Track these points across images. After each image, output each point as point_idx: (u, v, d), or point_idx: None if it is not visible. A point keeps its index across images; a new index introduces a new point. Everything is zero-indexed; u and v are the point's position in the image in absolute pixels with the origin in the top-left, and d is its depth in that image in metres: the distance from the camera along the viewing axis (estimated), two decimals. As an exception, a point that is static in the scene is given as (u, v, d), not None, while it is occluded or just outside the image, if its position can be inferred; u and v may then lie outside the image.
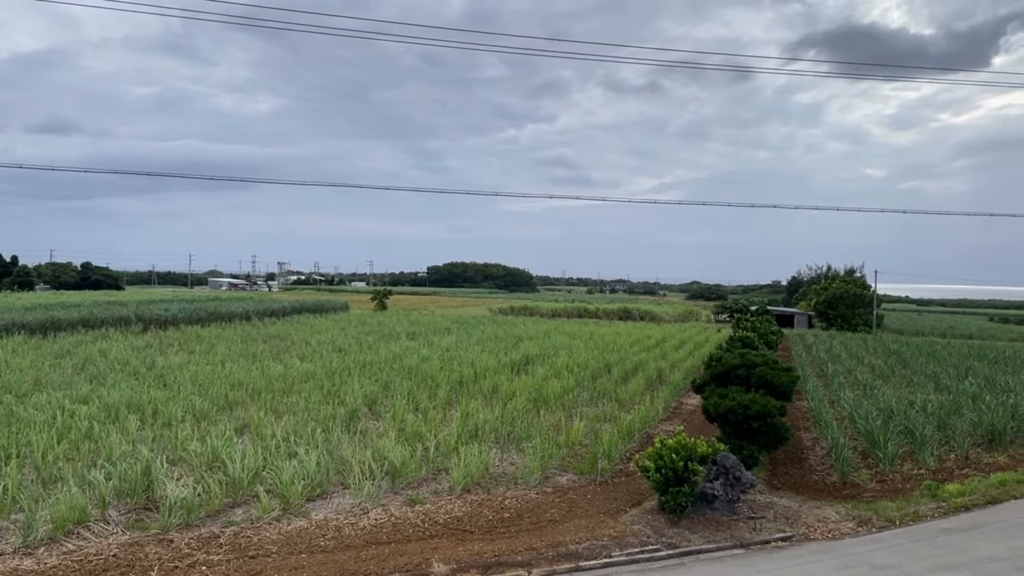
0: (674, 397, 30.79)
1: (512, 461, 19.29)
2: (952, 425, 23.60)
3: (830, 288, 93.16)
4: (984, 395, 28.98)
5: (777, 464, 20.64)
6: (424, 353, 38.79)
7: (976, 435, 23.31)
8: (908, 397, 29.56)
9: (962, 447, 22.10)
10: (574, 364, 36.08)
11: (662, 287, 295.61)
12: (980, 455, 21.94)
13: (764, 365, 20.09)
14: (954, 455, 21.77)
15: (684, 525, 15.03)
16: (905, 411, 25.30)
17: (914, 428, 22.56)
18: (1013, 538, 15.27)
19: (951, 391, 31.38)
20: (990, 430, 23.36)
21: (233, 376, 28.86)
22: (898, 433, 22.70)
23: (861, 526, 15.87)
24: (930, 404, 27.23)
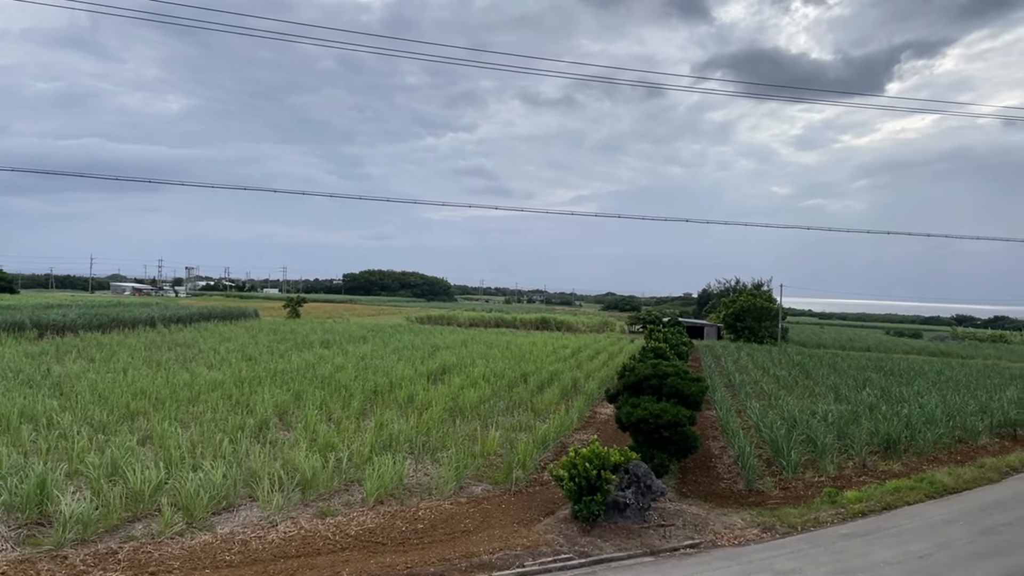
0: (589, 407, 31.16)
1: (427, 471, 19.14)
2: (851, 434, 24.65)
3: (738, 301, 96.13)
4: (880, 405, 30.40)
5: (687, 472, 21.13)
6: (338, 362, 38.16)
7: (873, 444, 24.42)
8: (810, 407, 30.73)
9: (860, 455, 23.11)
10: (491, 374, 36.14)
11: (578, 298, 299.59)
12: (876, 463, 22.99)
13: (675, 375, 20.56)
14: (852, 463, 22.74)
15: (596, 533, 15.21)
16: (807, 420, 26.31)
17: (816, 437, 23.47)
18: (906, 543, 16.05)
19: (850, 401, 32.80)
20: (886, 439, 24.51)
21: (136, 385, 27.72)
22: (801, 442, 23.57)
23: (765, 532, 16.39)
24: (831, 414, 28.38)
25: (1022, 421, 30.35)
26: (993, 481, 22.15)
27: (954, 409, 30.03)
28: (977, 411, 30.14)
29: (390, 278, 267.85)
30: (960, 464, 23.36)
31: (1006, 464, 23.81)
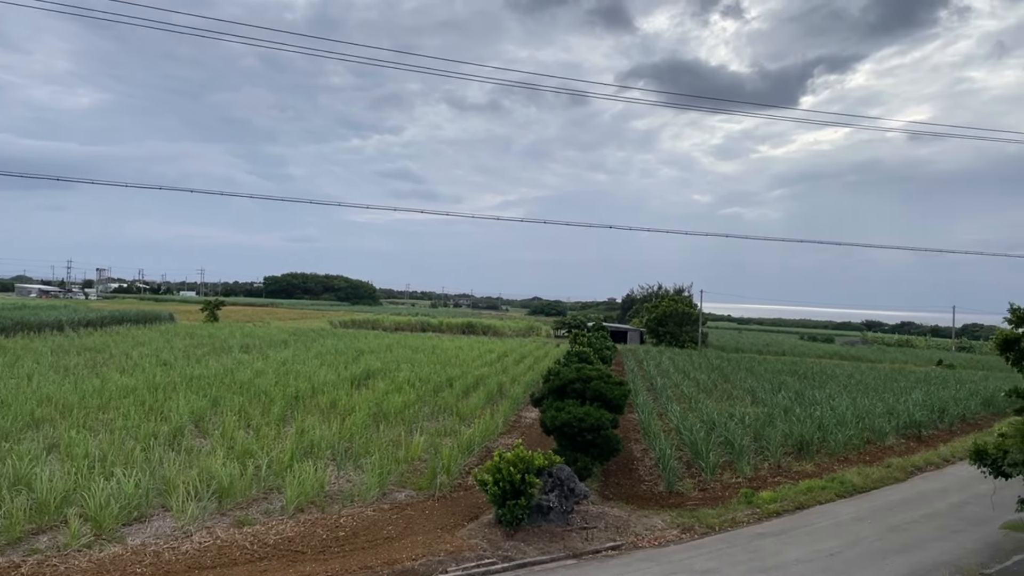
0: (514, 411, 31.25)
1: (349, 478, 18.85)
2: (767, 436, 25.39)
3: (660, 306, 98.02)
4: (795, 408, 31.42)
5: (609, 475, 21.38)
6: (258, 367, 37.27)
7: (787, 445, 25.20)
8: (729, 410, 31.54)
9: (775, 456, 23.83)
10: (416, 378, 35.88)
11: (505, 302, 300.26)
12: (790, 463, 23.74)
13: (599, 379, 20.79)
14: (768, 464, 23.43)
15: (520, 537, 15.23)
16: (726, 423, 26.98)
17: (733, 439, 24.09)
18: (818, 541, 16.60)
19: (766, 404, 33.80)
20: (799, 440, 25.34)
21: (42, 391, 26.47)
22: (719, 444, 24.15)
23: (685, 533, 16.72)
24: (748, 416, 29.18)
25: (927, 422, 31.84)
26: (899, 480, 23.13)
27: (863, 411, 31.25)
28: (885, 413, 31.44)
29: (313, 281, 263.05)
30: (869, 464, 24.31)
31: (911, 464, 24.90)
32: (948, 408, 34.90)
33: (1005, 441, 14.11)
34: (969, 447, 14.70)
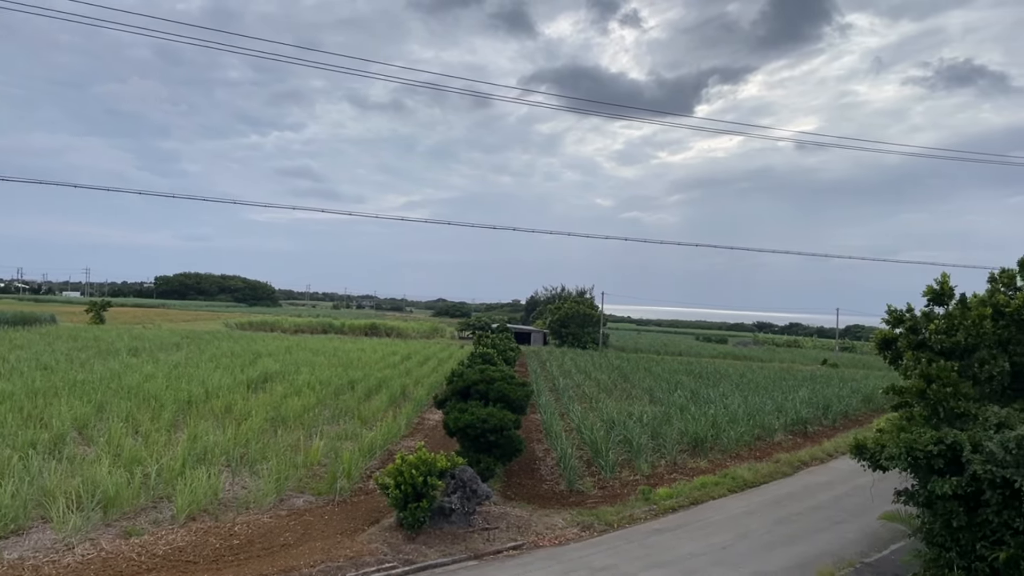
0: (417, 413, 31.04)
1: (245, 484, 18.29)
2: (664, 434, 26.10)
3: (563, 308, 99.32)
4: (690, 406, 32.40)
5: (512, 475, 21.52)
6: (148, 371, 35.71)
7: (683, 443, 25.97)
8: (628, 409, 32.25)
9: (671, 454, 24.52)
10: (316, 381, 35.14)
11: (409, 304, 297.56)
12: (686, 460, 24.48)
13: (502, 380, 20.92)
14: (665, 461, 24.08)
15: (422, 540, 15.15)
16: (625, 422, 27.58)
17: (632, 437, 24.66)
18: (711, 535, 17.19)
19: (664, 403, 34.74)
20: (694, 438, 26.16)
21: (-95, 398, 24.57)
22: (618, 442, 24.67)
23: (584, 531, 17.01)
24: (646, 415, 29.92)
25: (812, 419, 33.43)
26: (787, 475, 24.20)
27: (754, 409, 32.53)
28: (774, 410, 32.82)
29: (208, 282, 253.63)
30: (759, 460, 25.34)
31: (798, 459, 26.09)
32: (832, 405, 36.74)
33: (883, 436, 14.94)
34: (850, 442, 15.48)
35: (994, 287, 16.44)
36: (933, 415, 14.95)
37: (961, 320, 15.49)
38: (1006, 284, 16.46)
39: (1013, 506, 12.14)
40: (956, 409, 14.60)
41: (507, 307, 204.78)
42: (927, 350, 15.97)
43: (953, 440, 12.91)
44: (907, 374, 16.23)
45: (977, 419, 13.88)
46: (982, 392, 15.42)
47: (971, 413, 14.29)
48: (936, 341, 15.73)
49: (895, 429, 15.17)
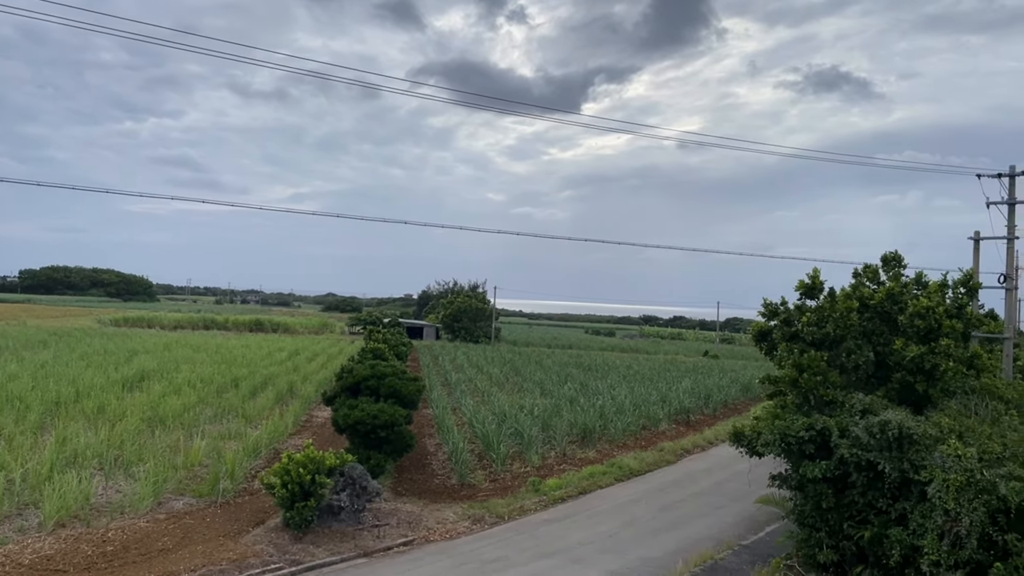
0: (305, 410, 30.33)
1: (120, 488, 17.38)
2: (554, 426, 26.50)
3: (456, 302, 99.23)
4: (579, 398, 33.06)
5: (403, 471, 21.35)
6: (12, 370, 33.36)
7: (572, 434, 26.46)
8: (519, 402, 32.57)
9: (561, 445, 24.93)
10: (197, 379, 33.76)
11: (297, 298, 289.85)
12: (575, 451, 24.94)
13: (393, 376, 20.70)
14: (555, 452, 24.47)
15: (309, 540, 14.82)
16: (516, 415, 27.84)
17: (523, 430, 24.92)
18: (599, 524, 17.59)
19: (554, 395, 35.28)
20: (583, 429, 26.70)
21: None
22: (510, 435, 24.87)
23: (475, 524, 17.07)
24: (537, 408, 30.29)
25: (694, 408, 34.73)
26: (671, 463, 25.05)
27: (640, 400, 33.50)
28: (659, 401, 33.90)
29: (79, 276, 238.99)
30: (644, 449, 26.11)
31: (681, 447, 27.05)
32: (713, 395, 38.28)
33: (759, 424, 15.67)
34: (730, 430, 16.19)
35: (859, 281, 17.50)
36: (805, 403, 15.80)
37: (830, 313, 16.41)
38: (871, 278, 17.55)
39: (877, 487, 12.98)
40: (825, 397, 15.47)
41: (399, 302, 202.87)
42: (799, 341, 16.84)
43: (823, 426, 13.68)
44: (781, 364, 17.09)
45: (844, 406, 14.74)
46: (849, 380, 16.40)
47: (839, 400, 15.17)
48: (807, 333, 16.60)
49: (770, 417, 15.93)
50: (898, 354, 15.55)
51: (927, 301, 15.79)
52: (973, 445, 12.32)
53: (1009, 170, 24.58)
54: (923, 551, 11.64)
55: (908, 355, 15.27)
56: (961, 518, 11.37)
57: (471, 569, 14.07)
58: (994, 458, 12.03)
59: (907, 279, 17.20)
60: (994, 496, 11.26)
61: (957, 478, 11.57)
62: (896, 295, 16.30)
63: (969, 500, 11.38)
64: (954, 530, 11.52)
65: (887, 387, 16.11)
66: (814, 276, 17.42)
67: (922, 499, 12.20)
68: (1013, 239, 24.59)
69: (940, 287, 16.66)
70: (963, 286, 17.30)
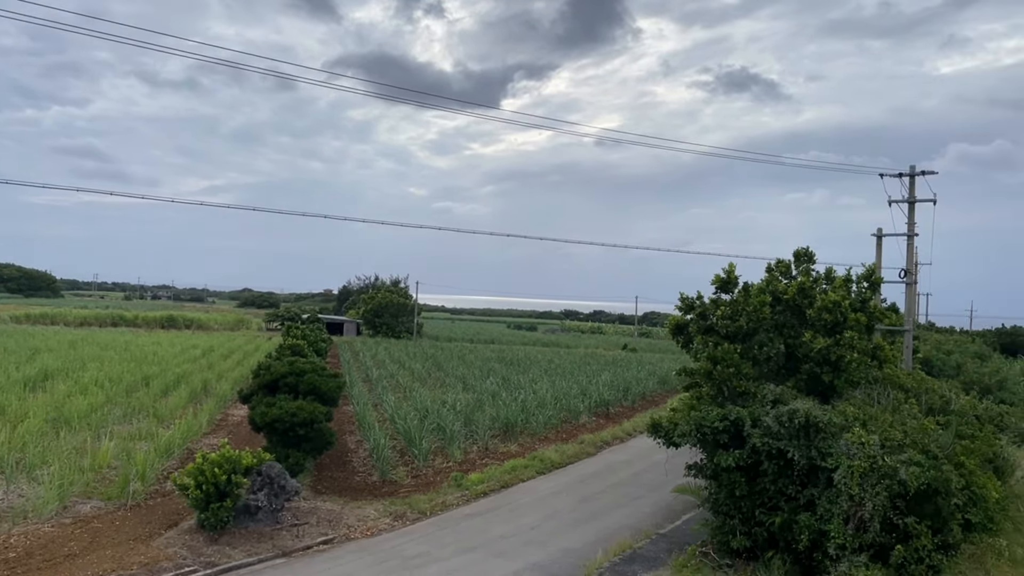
0: (221, 409, 29.54)
1: (22, 492, 16.57)
2: (476, 420, 26.53)
3: (377, 297, 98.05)
4: (502, 393, 33.16)
5: (323, 469, 21.04)
6: (-99, 370, 31.41)
7: (495, 428, 26.55)
8: (442, 397, 32.47)
9: (483, 439, 24.99)
10: (105, 378, 32.43)
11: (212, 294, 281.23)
12: (497, 445, 25.05)
13: (312, 372, 20.35)
14: (477, 447, 24.51)
15: (225, 541, 14.46)
16: (439, 410, 27.75)
17: (445, 425, 24.87)
18: (521, 517, 17.71)
19: (476, 390, 35.31)
20: (505, 423, 26.83)
21: None
22: (432, 431, 24.79)
23: (397, 521, 16.96)
24: (459, 403, 30.27)
25: (614, 401, 35.33)
26: (591, 455, 25.42)
27: (561, 393, 33.86)
28: (579, 394, 34.34)
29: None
30: (565, 442, 26.42)
31: (601, 439, 27.48)
32: (632, 387, 39.01)
33: (676, 415, 16.08)
34: (647, 422, 16.54)
35: (772, 276, 18.12)
36: (719, 394, 16.28)
37: (744, 307, 16.94)
38: (783, 273, 18.20)
39: (787, 475, 13.48)
40: (738, 388, 15.97)
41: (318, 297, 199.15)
42: (714, 334, 17.34)
43: (736, 416, 14.12)
44: (697, 357, 17.58)
45: (756, 397, 15.26)
46: (761, 372, 16.98)
47: (751, 391, 15.69)
48: (722, 326, 17.11)
49: (686, 408, 16.37)
50: (807, 346, 16.19)
51: (833, 295, 16.48)
52: (876, 432, 12.94)
53: (909, 170, 25.87)
54: (830, 535, 12.17)
55: (816, 347, 15.91)
56: (865, 502, 11.93)
57: (392, 566, 13.99)
58: (895, 445, 12.67)
59: (817, 274, 17.92)
60: (895, 481, 11.85)
61: (861, 464, 12.13)
62: (806, 289, 16.95)
63: (872, 485, 11.95)
64: (858, 514, 12.08)
65: (797, 378, 16.76)
66: (729, 271, 17.95)
67: (829, 485, 12.74)
68: (913, 236, 25.91)
69: (845, 282, 17.41)
70: (866, 281, 18.15)
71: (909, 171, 25.75)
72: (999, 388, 34.35)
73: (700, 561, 14.18)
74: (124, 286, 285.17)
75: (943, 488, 11.88)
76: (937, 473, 11.92)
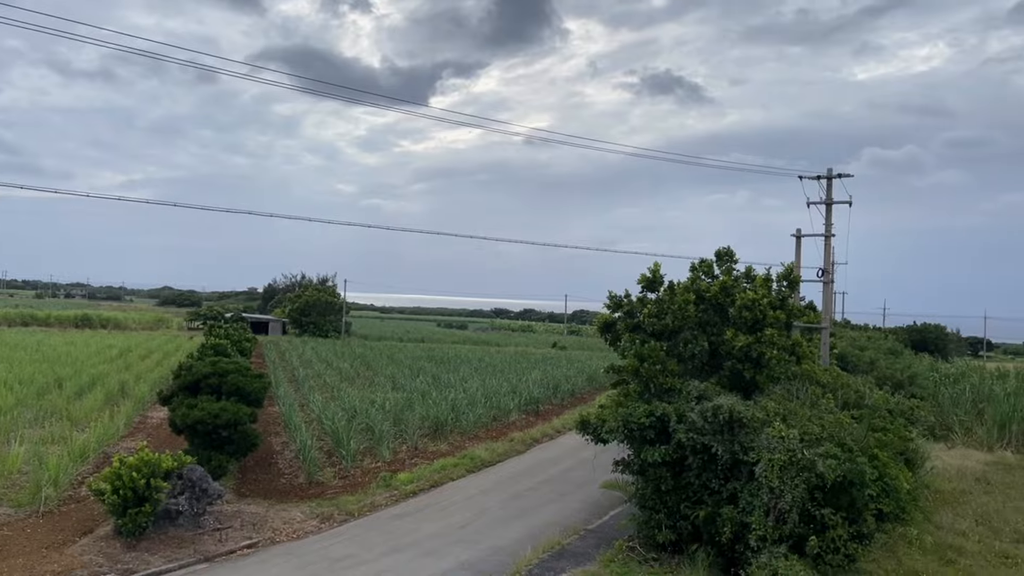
0: (139, 411, 28.56)
1: (-79, 502, 15.73)
2: (406, 420, 26.33)
3: (304, 296, 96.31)
4: (432, 392, 32.99)
5: (247, 471, 20.58)
6: None
7: (424, 427, 26.41)
8: (371, 397, 32.11)
9: (413, 439, 24.83)
10: (15, 380, 30.98)
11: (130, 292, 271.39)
12: (427, 445, 24.93)
13: (236, 373, 19.87)
14: (407, 446, 24.34)
15: (144, 547, 14.01)
16: (367, 410, 27.44)
17: (374, 425, 24.62)
18: (450, 516, 17.67)
19: (406, 389, 35.05)
20: (435, 422, 26.71)
21: None
22: (361, 431, 24.50)
23: (324, 522, 16.71)
24: (388, 402, 29.99)
25: (543, 399, 35.56)
26: (521, 452, 25.54)
27: (492, 391, 33.88)
28: (509, 392, 34.43)
29: None
30: (496, 440, 26.47)
31: (531, 437, 27.65)
32: (561, 385, 39.34)
33: (604, 412, 16.29)
34: (576, 419, 16.72)
35: (696, 275, 18.51)
36: (646, 391, 16.55)
37: (669, 305, 17.27)
38: (706, 272, 18.61)
39: (711, 469, 13.82)
40: (664, 385, 16.27)
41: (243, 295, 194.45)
42: (641, 332, 17.63)
43: (662, 412, 14.39)
44: (624, 354, 17.83)
45: (682, 393, 15.59)
46: (686, 369, 17.33)
47: (677, 388, 16.01)
48: (648, 324, 17.40)
49: (614, 405, 16.60)
50: (729, 343, 16.60)
51: (754, 294, 16.94)
52: (795, 427, 13.37)
53: (827, 173, 26.81)
54: (751, 527, 12.52)
55: (738, 344, 16.33)
56: (784, 495, 12.31)
57: (319, 568, 13.78)
58: (813, 438, 13.11)
59: (738, 273, 18.38)
60: (813, 473, 12.28)
61: (781, 458, 12.52)
62: (728, 288, 17.38)
63: (792, 478, 12.35)
64: (778, 506, 12.47)
65: (720, 374, 17.17)
66: (655, 270, 18.27)
67: (751, 478, 13.11)
68: (830, 236, 26.87)
69: (765, 281, 17.92)
70: (785, 280, 18.72)
71: (826, 174, 26.69)
72: (910, 383, 35.82)
73: (627, 556, 14.41)
74: (35, 284, 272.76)
75: (858, 480, 12.36)
76: (852, 465, 12.40)
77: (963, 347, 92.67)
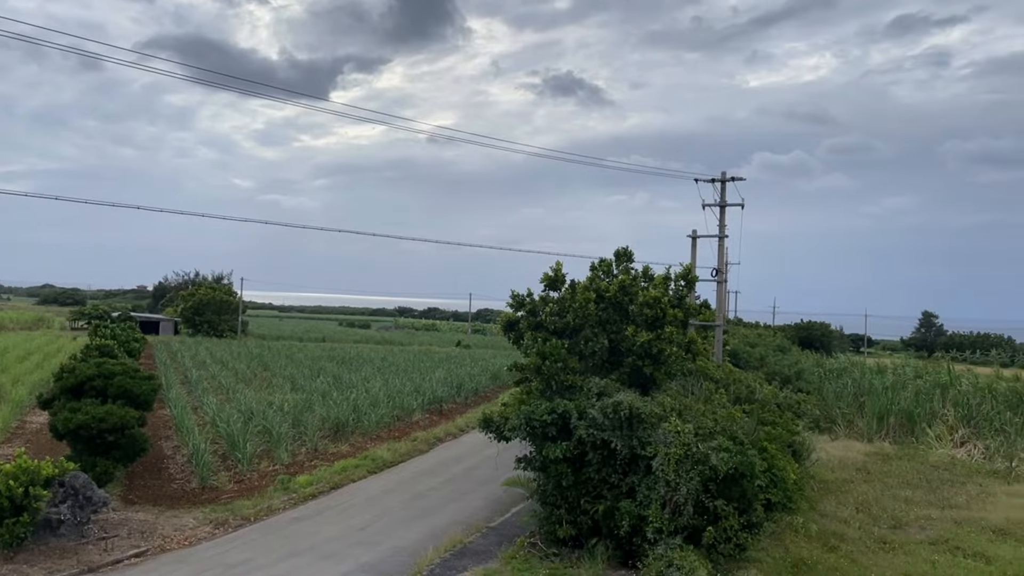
0: (17, 416, 26.91)
1: None
2: (305, 421, 25.76)
3: (197, 295, 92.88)
4: (332, 392, 32.40)
5: (136, 477, 19.70)
6: None
7: (325, 428, 25.92)
8: (268, 398, 31.27)
9: (312, 440, 24.32)
10: None
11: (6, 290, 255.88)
12: (328, 446, 24.47)
13: (124, 375, 18.98)
14: (306, 448, 23.82)
15: (23, 559, 13.22)
16: (264, 412, 26.71)
17: (272, 427, 23.98)
18: (351, 517, 17.40)
19: (305, 390, 34.28)
20: (336, 423, 26.25)
21: None
22: (257, 433, 23.82)
23: (218, 528, 16.17)
24: (287, 403, 29.29)
25: (447, 398, 35.49)
26: (423, 452, 25.41)
27: (395, 391, 33.57)
28: (413, 391, 34.21)
29: None
30: (398, 440, 26.24)
31: (434, 436, 27.54)
32: (464, 384, 39.35)
33: (507, 410, 16.40)
34: (479, 417, 16.76)
35: (595, 274, 18.88)
36: (548, 388, 16.77)
37: (571, 303, 17.55)
38: (605, 272, 19.00)
39: (610, 464, 14.11)
40: (566, 382, 16.53)
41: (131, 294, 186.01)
42: (543, 330, 17.84)
43: (563, 409, 14.60)
44: (527, 352, 18.00)
45: (583, 390, 15.86)
46: (587, 366, 17.65)
47: (578, 385, 16.28)
48: (551, 322, 17.64)
49: (517, 403, 16.74)
50: (630, 340, 17.00)
51: (654, 292, 17.42)
52: (691, 421, 13.81)
53: (721, 176, 27.81)
54: (648, 520, 12.86)
55: (639, 341, 16.75)
56: (680, 487, 12.70)
57: (213, 575, 13.32)
58: (707, 432, 13.57)
59: (636, 272, 18.85)
60: (707, 466, 12.70)
61: (676, 451, 12.91)
62: (627, 287, 17.80)
63: (687, 471, 12.75)
64: (674, 499, 12.85)
65: (620, 371, 17.57)
66: (557, 269, 18.53)
67: (648, 472, 13.46)
68: (724, 237, 27.90)
69: (664, 280, 18.45)
70: (683, 279, 19.32)
71: (720, 177, 27.69)
72: (797, 378, 37.59)
73: (528, 552, 14.54)
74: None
75: (748, 471, 12.87)
76: (743, 458, 12.89)
77: (846, 344, 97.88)
